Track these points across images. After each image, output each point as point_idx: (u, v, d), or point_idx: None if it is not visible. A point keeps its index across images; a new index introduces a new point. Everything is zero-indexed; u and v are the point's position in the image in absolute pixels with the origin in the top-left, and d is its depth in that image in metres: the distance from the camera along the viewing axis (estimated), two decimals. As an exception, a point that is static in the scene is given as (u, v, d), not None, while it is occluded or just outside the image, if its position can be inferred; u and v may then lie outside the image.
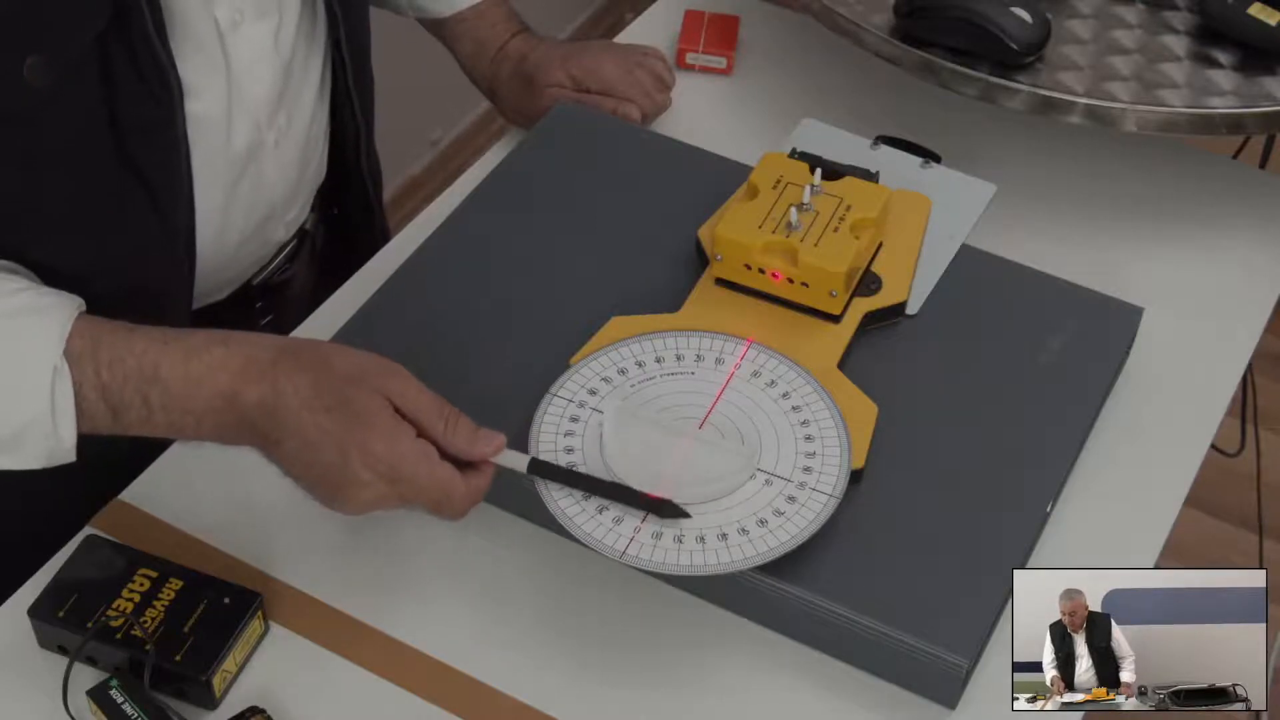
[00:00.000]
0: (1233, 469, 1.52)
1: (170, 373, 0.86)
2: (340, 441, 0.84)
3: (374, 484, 0.85)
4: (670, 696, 0.92)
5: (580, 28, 2.81)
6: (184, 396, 0.86)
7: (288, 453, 0.86)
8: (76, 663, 0.90)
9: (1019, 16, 1.15)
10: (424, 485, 0.86)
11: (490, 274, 1.09)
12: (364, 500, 0.86)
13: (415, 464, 0.85)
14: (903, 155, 1.18)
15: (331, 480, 0.85)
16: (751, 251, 1.03)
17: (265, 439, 0.86)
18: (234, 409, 0.86)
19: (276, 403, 0.85)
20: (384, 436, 0.84)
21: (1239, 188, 1.25)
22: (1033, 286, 1.09)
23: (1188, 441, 1.06)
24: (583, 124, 1.21)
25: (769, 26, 1.36)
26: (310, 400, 0.85)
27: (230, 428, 0.87)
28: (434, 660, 0.93)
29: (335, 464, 0.84)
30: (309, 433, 0.84)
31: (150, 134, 0.95)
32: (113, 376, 0.87)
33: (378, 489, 0.85)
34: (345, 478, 0.85)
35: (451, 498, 0.87)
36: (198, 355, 0.87)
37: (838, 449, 0.95)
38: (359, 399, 0.85)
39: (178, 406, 0.87)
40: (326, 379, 0.85)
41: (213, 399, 0.86)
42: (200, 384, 0.86)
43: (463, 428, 0.88)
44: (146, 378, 0.87)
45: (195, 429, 0.88)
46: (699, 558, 0.90)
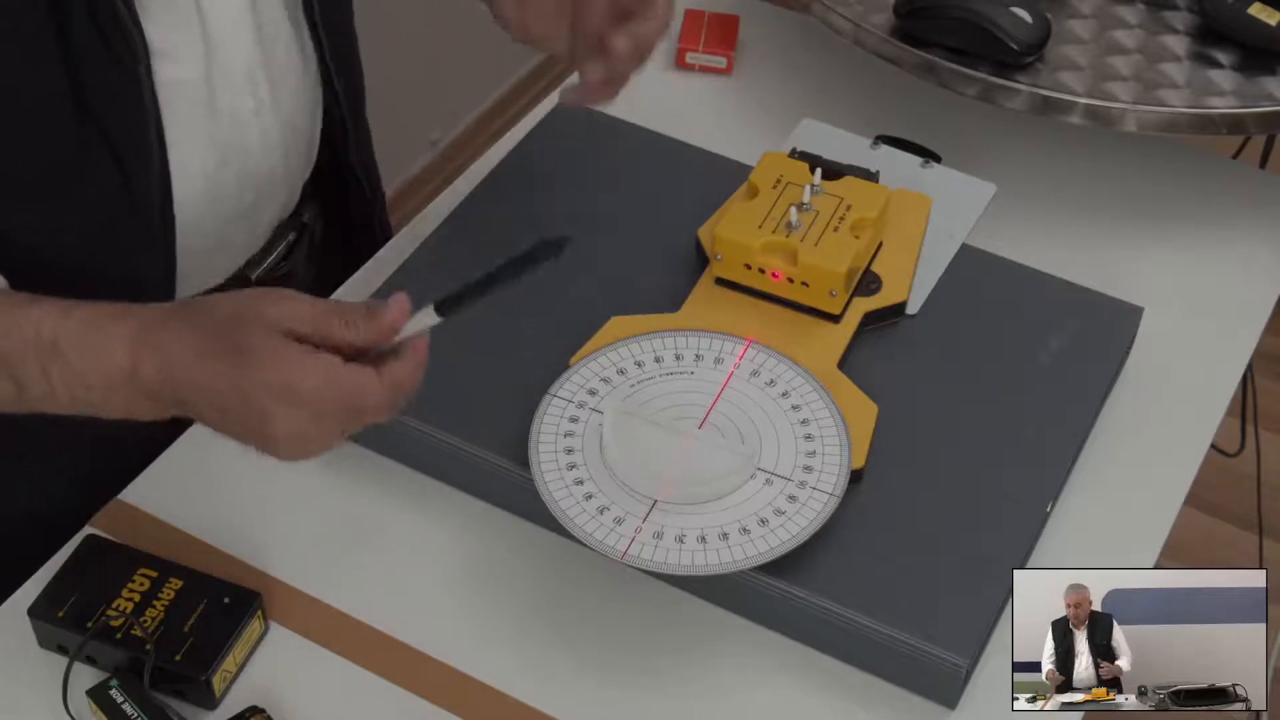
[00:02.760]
0: (1233, 469, 1.52)
1: (69, 345, 0.84)
2: (237, 385, 0.81)
3: (287, 416, 0.81)
4: (670, 696, 0.92)
5: (580, 28, 2.81)
6: (84, 372, 0.84)
7: (201, 413, 0.83)
8: (76, 663, 0.90)
9: (1019, 16, 1.15)
10: (333, 396, 0.81)
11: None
12: (289, 436, 0.82)
13: (315, 379, 0.81)
14: (903, 155, 1.18)
15: (250, 427, 0.82)
16: (751, 251, 1.03)
17: (179, 405, 0.84)
18: (135, 383, 0.83)
19: (171, 366, 0.82)
20: (275, 365, 0.81)
21: (1239, 188, 1.25)
22: (1033, 286, 1.09)
23: (1188, 441, 1.06)
24: (583, 124, 1.21)
25: (769, 26, 1.36)
26: (201, 354, 0.82)
27: (140, 402, 0.84)
28: (434, 660, 0.93)
29: (242, 409, 0.81)
30: (208, 386, 0.82)
31: (114, 95, 0.93)
32: (11, 345, 0.84)
33: (293, 420, 0.81)
34: (258, 420, 0.81)
35: (367, 397, 0.82)
36: (96, 327, 0.84)
37: (838, 448, 0.96)
38: (243, 337, 0.81)
39: (80, 382, 0.84)
40: (211, 328, 0.82)
41: (112, 374, 0.83)
42: (98, 357, 0.83)
43: (362, 314, 0.83)
44: (45, 349, 0.84)
45: (104, 405, 0.85)
46: (699, 558, 0.90)
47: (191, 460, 1.03)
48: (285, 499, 1.01)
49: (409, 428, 0.99)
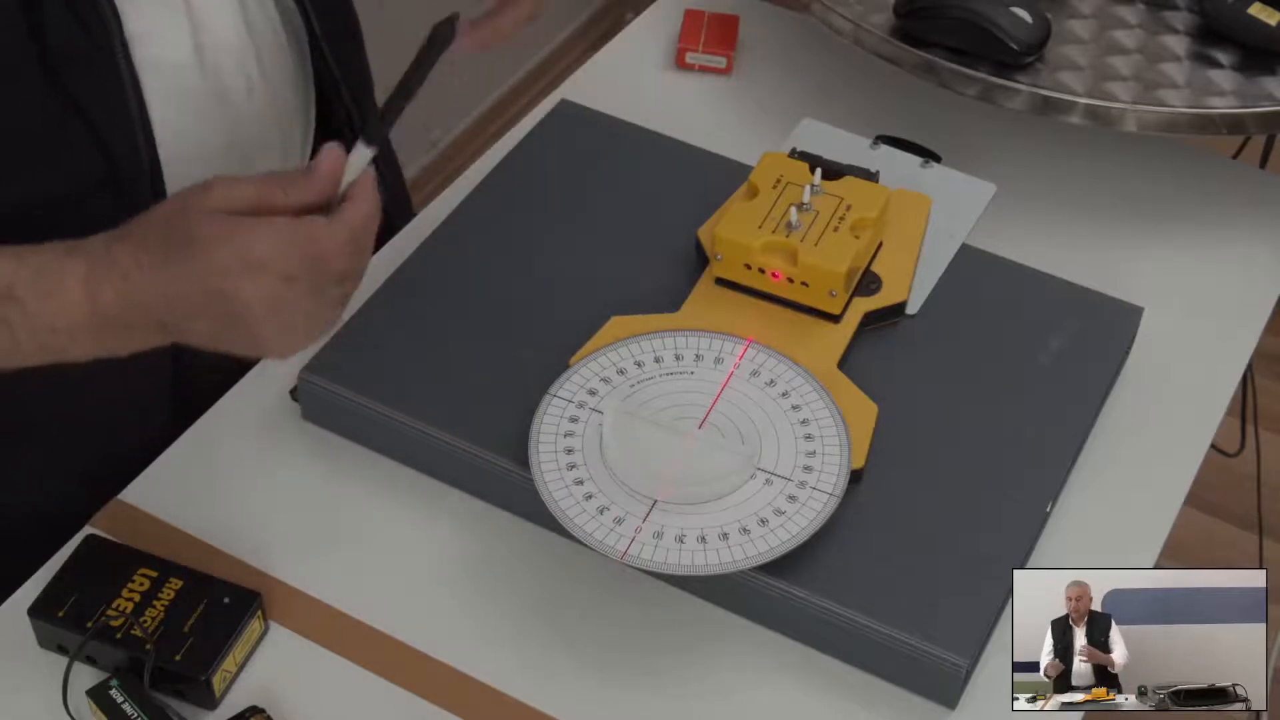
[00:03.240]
0: (1233, 469, 1.53)
1: (25, 291, 0.83)
2: (196, 278, 0.80)
3: (254, 288, 0.80)
4: (670, 696, 0.92)
5: (580, 28, 2.81)
6: (42, 314, 0.83)
7: (182, 327, 0.83)
8: (76, 662, 0.90)
9: (1019, 16, 1.15)
10: (291, 252, 0.81)
11: (490, 274, 1.09)
12: (265, 311, 0.81)
13: (267, 240, 0.80)
14: (903, 155, 1.18)
15: (230, 318, 0.82)
16: (751, 251, 1.03)
17: (159, 329, 0.84)
18: (98, 317, 0.83)
19: (131, 289, 0.82)
20: (225, 243, 0.80)
21: (1239, 188, 1.25)
22: (1033, 286, 1.09)
23: (1188, 441, 1.06)
24: (583, 124, 1.21)
25: (769, 26, 1.36)
26: (155, 263, 0.81)
27: (110, 336, 0.84)
28: (434, 660, 0.93)
29: (212, 302, 0.81)
30: (174, 293, 0.81)
31: (88, 71, 0.92)
32: None
33: (260, 289, 0.80)
34: (232, 307, 0.81)
35: (324, 243, 0.81)
36: (48, 270, 0.83)
37: (838, 448, 0.96)
38: (188, 230, 0.81)
39: (43, 327, 0.83)
40: (155, 237, 0.82)
41: (73, 313, 0.83)
42: (55, 298, 0.83)
43: (299, 176, 0.84)
44: (3, 299, 0.83)
45: (72, 347, 0.85)
46: (699, 558, 0.90)
47: (191, 460, 1.03)
48: (285, 499, 1.01)
49: (409, 428, 0.99)
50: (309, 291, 0.82)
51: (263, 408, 1.05)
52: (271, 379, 1.06)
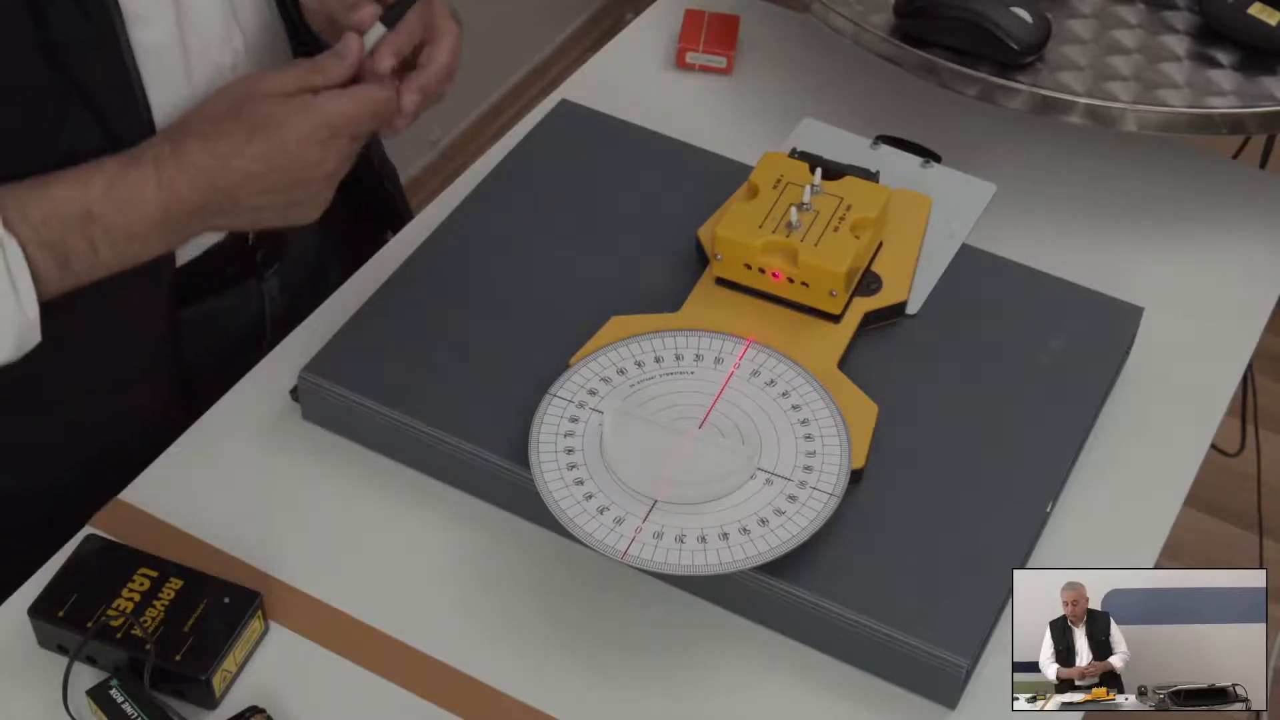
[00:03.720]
0: (1233, 469, 1.52)
1: (102, 208, 0.90)
2: (285, 149, 0.91)
3: (337, 150, 0.93)
4: (670, 696, 0.92)
5: (580, 28, 2.81)
6: (123, 225, 0.91)
7: (247, 202, 0.92)
8: (76, 662, 0.90)
9: (1019, 16, 1.15)
10: (356, 113, 0.94)
11: (490, 274, 1.09)
12: (338, 168, 0.94)
13: (338, 107, 0.93)
14: (903, 155, 1.18)
15: (301, 185, 0.93)
16: (751, 251, 1.03)
17: (218, 212, 0.93)
18: (174, 211, 0.91)
19: (210, 179, 0.91)
20: (302, 114, 0.92)
21: (1239, 188, 1.25)
22: (1033, 286, 1.09)
23: (1188, 441, 1.06)
24: (583, 124, 1.21)
25: (769, 26, 1.36)
26: (236, 148, 0.91)
27: (178, 228, 0.93)
28: (434, 660, 0.93)
29: (294, 168, 0.92)
30: (257, 169, 0.91)
31: (88, 49, 0.94)
32: (53, 232, 0.90)
33: (340, 150, 0.93)
34: (311, 171, 0.93)
35: (379, 102, 0.95)
36: (119, 183, 0.91)
37: (838, 448, 0.96)
38: (261, 111, 0.92)
39: (121, 236, 0.91)
40: (227, 122, 0.92)
41: (152, 215, 0.91)
42: (132, 206, 0.91)
43: (330, 59, 0.95)
44: (82, 221, 0.90)
45: (145, 249, 0.93)
46: (699, 558, 0.90)
47: (191, 460, 1.03)
48: (285, 499, 1.01)
49: (409, 428, 0.99)
50: (354, 143, 0.95)
51: (263, 408, 1.05)
52: (271, 379, 1.06)
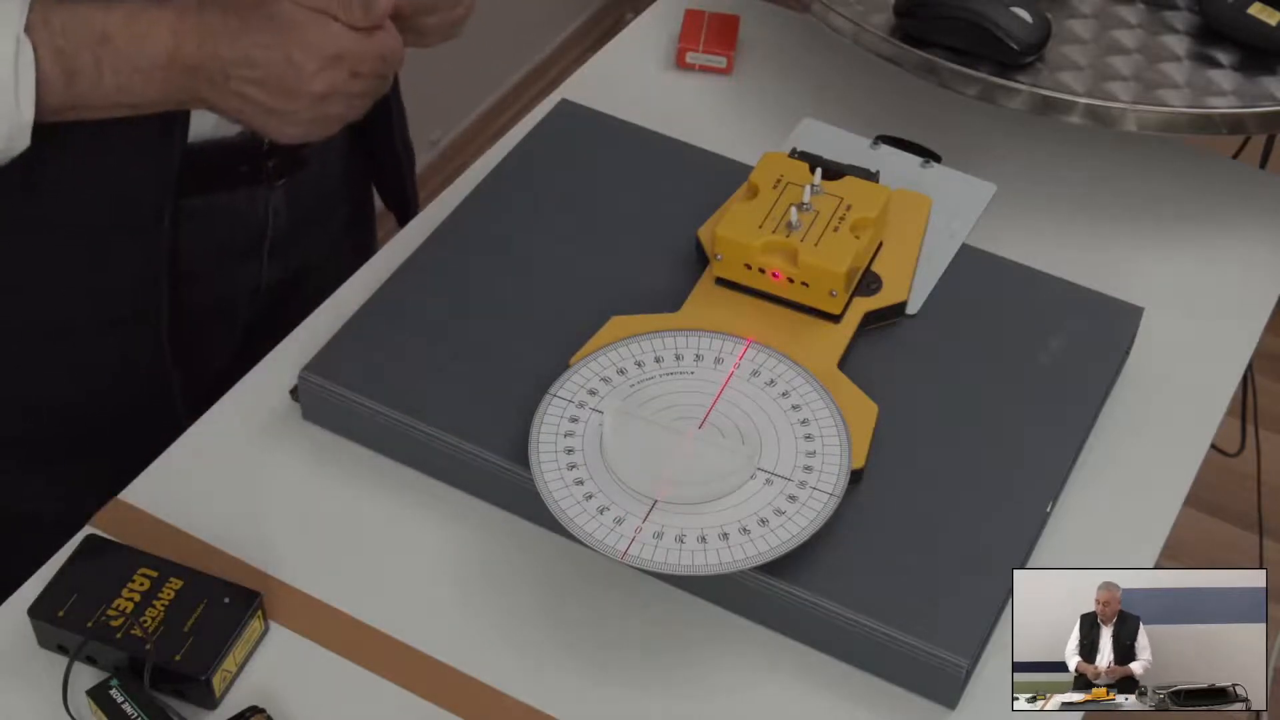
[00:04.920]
0: (1233, 469, 1.53)
1: (118, 32, 0.93)
2: (284, 47, 0.93)
3: (322, 70, 0.94)
4: (670, 696, 0.92)
5: (580, 28, 2.81)
6: (131, 55, 0.93)
7: (237, 88, 0.94)
8: (76, 662, 0.90)
9: (1019, 16, 1.15)
10: (364, 51, 0.95)
11: (490, 274, 1.09)
12: (319, 92, 0.94)
13: (351, 37, 0.94)
14: (903, 155, 1.18)
15: (286, 86, 0.94)
16: (751, 251, 1.03)
17: (210, 84, 0.95)
18: (177, 62, 0.94)
19: (215, 43, 0.94)
20: (315, 28, 0.94)
21: (1239, 188, 1.25)
22: (1033, 286, 1.09)
23: (1188, 441, 1.06)
24: (583, 124, 1.21)
25: (769, 26, 1.36)
26: (242, 30, 0.93)
27: (176, 81, 0.95)
28: (434, 660, 0.93)
29: (285, 71, 0.94)
30: (256, 55, 0.93)
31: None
32: (67, 42, 0.92)
33: (326, 74, 0.94)
34: (297, 80, 0.94)
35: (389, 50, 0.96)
36: (139, 15, 0.94)
37: (838, 448, 0.96)
38: (277, 6, 0.93)
39: (127, 65, 0.93)
40: (242, 8, 0.94)
41: (157, 55, 0.94)
42: (145, 40, 0.93)
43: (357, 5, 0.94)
44: (96, 39, 0.93)
45: (145, 89, 0.95)
46: (699, 558, 0.90)
47: (191, 460, 1.03)
48: (285, 499, 1.01)
49: (409, 428, 0.99)
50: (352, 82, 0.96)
51: (263, 408, 1.05)
52: (272, 379, 1.07)
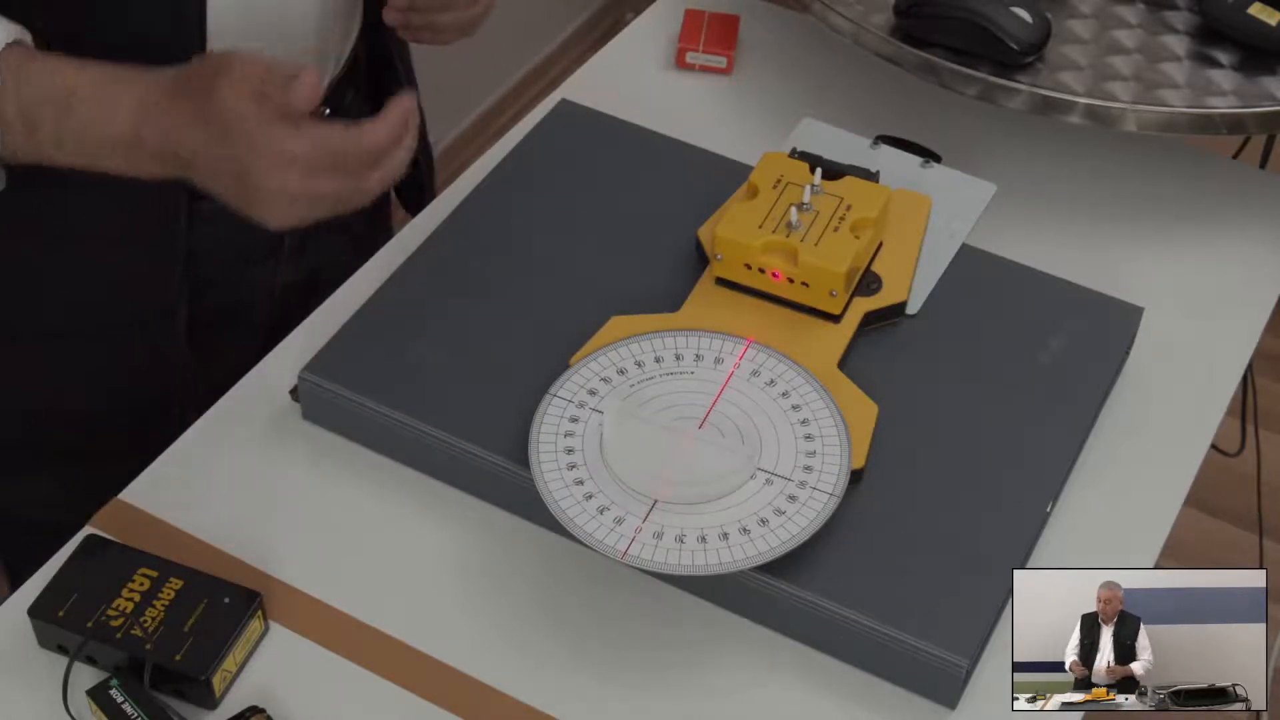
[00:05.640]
0: (1233, 469, 1.52)
1: (80, 100, 0.90)
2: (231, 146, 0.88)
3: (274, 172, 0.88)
4: (670, 696, 0.92)
5: (580, 28, 2.81)
6: (89, 126, 0.90)
7: (201, 177, 0.91)
8: (76, 662, 0.90)
9: (1019, 16, 1.15)
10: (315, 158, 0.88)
11: (490, 274, 1.09)
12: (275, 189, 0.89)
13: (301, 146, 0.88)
14: (903, 155, 1.18)
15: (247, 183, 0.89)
16: (751, 251, 1.03)
17: (182, 167, 0.91)
18: (136, 147, 0.90)
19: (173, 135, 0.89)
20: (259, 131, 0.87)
21: (1239, 188, 1.25)
22: (1033, 286, 1.09)
23: (1188, 441, 1.06)
24: (583, 124, 1.21)
25: (769, 26, 1.36)
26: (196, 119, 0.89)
27: (144, 163, 0.92)
28: (434, 660, 0.93)
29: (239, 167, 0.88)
30: (214, 152, 0.89)
31: None
32: (31, 92, 0.90)
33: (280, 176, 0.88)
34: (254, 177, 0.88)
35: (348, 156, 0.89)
36: (106, 88, 0.91)
37: (838, 448, 0.96)
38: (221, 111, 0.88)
39: (87, 135, 0.91)
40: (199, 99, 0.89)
41: (115, 137, 0.90)
42: (104, 118, 0.90)
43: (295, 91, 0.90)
44: (61, 99, 0.90)
45: (108, 161, 0.92)
46: (699, 558, 0.90)
47: (191, 460, 1.03)
48: (285, 499, 1.01)
49: (409, 428, 0.99)
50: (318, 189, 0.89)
51: (263, 408, 1.05)
52: (272, 379, 1.07)
